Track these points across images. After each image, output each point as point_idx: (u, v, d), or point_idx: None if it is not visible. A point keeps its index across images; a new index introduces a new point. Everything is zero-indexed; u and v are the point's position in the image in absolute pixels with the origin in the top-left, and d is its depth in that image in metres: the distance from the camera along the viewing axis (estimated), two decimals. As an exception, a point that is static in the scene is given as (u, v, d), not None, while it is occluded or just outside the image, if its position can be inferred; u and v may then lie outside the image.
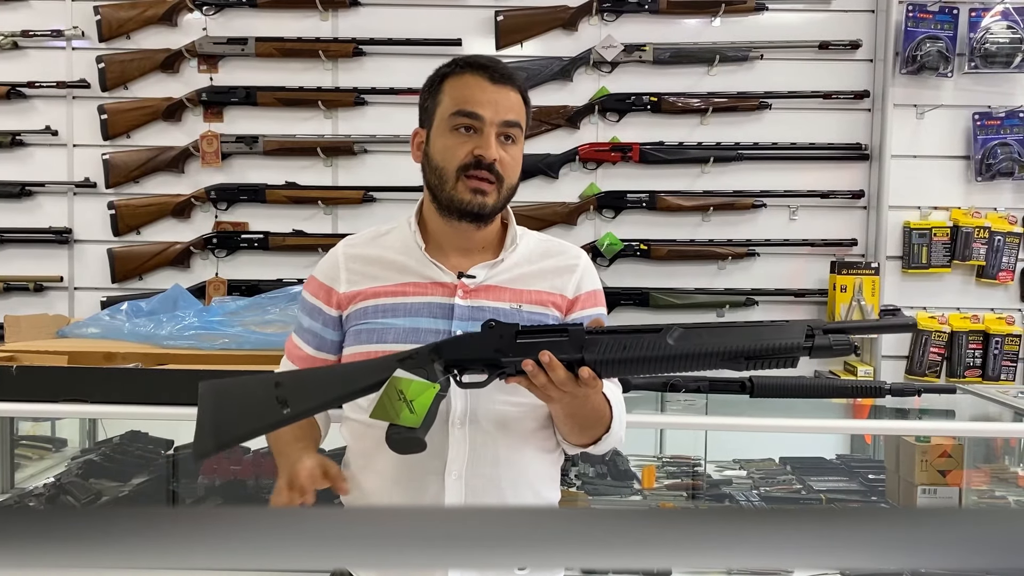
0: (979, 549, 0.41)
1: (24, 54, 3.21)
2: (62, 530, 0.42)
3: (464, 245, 1.38)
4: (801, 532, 0.42)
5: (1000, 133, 3.10)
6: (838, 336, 1.15)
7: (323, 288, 1.39)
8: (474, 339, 1.23)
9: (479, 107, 1.31)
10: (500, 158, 1.31)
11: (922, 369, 3.12)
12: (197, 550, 0.42)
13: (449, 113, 1.33)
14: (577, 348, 1.18)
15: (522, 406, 1.33)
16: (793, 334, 1.16)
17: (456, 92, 1.33)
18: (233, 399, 1.26)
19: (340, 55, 3.16)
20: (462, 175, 1.31)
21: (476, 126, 1.31)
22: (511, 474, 1.33)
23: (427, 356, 1.22)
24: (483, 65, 1.34)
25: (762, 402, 2.23)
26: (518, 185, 1.39)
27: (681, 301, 3.15)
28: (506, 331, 1.21)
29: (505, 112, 1.32)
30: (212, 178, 3.20)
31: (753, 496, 2.63)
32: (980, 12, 3.06)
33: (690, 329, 1.18)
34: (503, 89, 1.33)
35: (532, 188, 3.18)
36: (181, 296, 2.54)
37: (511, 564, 0.48)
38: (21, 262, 3.23)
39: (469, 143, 1.31)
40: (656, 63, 3.15)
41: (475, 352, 1.22)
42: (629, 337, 1.18)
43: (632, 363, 1.19)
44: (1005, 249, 3.12)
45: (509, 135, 1.33)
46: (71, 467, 2.73)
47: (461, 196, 1.32)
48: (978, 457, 2.64)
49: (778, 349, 1.15)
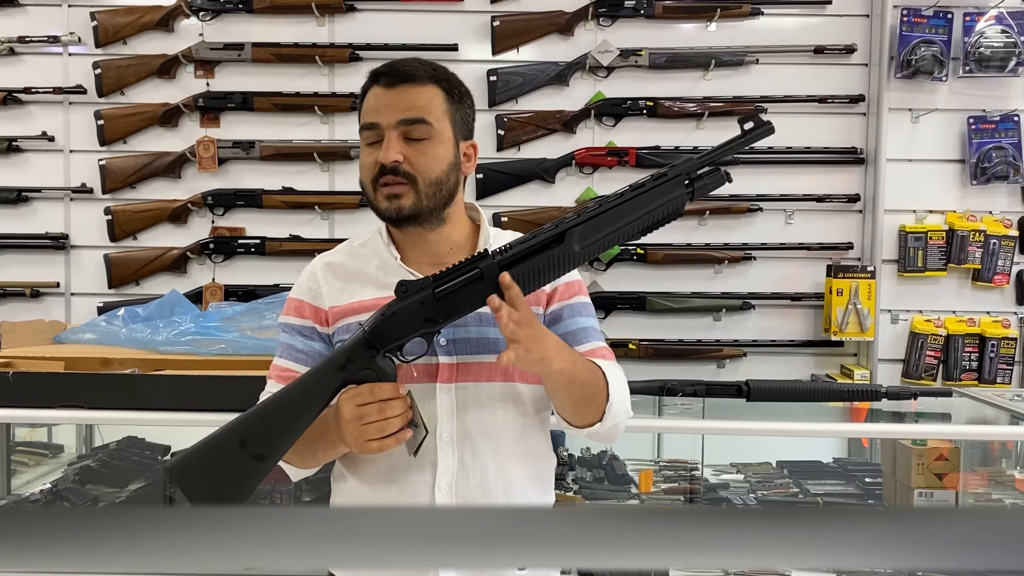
0: (976, 549, 0.41)
1: (20, 60, 3.21)
2: (55, 531, 0.42)
3: (430, 250, 1.37)
4: (798, 532, 0.42)
5: (995, 137, 3.10)
6: (712, 175, 1.28)
7: (309, 307, 1.37)
8: (399, 315, 1.21)
9: (374, 115, 1.32)
10: (406, 156, 1.30)
11: (918, 372, 3.13)
12: (189, 551, 0.42)
13: (360, 130, 1.35)
14: (493, 283, 1.19)
15: (510, 413, 1.32)
16: (675, 189, 1.25)
17: (363, 106, 1.35)
18: (210, 473, 1.24)
19: (336, 60, 3.16)
20: (376, 186, 1.32)
21: (379, 136, 1.32)
22: (502, 483, 1.32)
23: (364, 355, 1.22)
24: (379, 73, 1.34)
25: (759, 406, 2.24)
26: (452, 179, 1.35)
27: (678, 305, 3.16)
28: (425, 294, 1.21)
29: (401, 112, 1.31)
30: (209, 183, 3.20)
31: (750, 500, 2.64)
32: (974, 16, 3.07)
33: (587, 223, 1.22)
34: (399, 89, 1.32)
35: (528, 193, 3.18)
36: (178, 301, 2.54)
37: (509, 564, 0.49)
38: (18, 268, 3.22)
39: (374, 154, 1.32)
40: (652, 68, 3.16)
41: (406, 328, 1.22)
42: (540, 258, 1.20)
43: (548, 274, 1.22)
44: (1000, 252, 3.12)
45: (413, 134, 1.31)
46: (68, 473, 2.72)
47: (380, 205, 1.32)
48: (975, 460, 2.64)
49: (668, 214, 1.25)
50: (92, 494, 2.58)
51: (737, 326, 3.20)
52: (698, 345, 3.17)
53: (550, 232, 1.21)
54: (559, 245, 1.21)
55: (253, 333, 2.26)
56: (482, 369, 1.31)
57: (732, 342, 3.18)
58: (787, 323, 3.22)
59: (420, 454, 1.26)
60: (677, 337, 3.18)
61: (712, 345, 3.17)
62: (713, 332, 3.20)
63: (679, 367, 3.13)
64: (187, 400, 1.95)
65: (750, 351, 3.18)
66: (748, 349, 3.17)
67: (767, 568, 2.23)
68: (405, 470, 1.30)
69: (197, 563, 0.42)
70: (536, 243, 1.21)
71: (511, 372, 1.31)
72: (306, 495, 2.57)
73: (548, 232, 1.21)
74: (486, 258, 1.21)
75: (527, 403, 1.34)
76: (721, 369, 3.18)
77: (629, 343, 3.11)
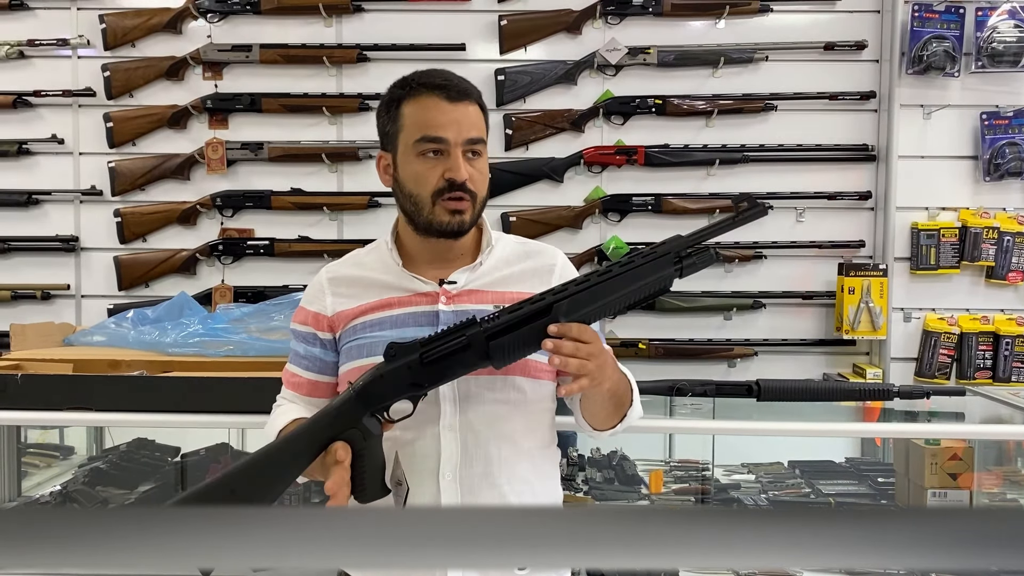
0: (989, 549, 0.40)
1: (30, 63, 3.22)
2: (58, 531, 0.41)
3: (443, 257, 1.41)
4: (808, 532, 0.41)
5: (1008, 132, 3.08)
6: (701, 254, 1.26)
7: (311, 315, 1.43)
8: (386, 377, 1.25)
9: (442, 130, 1.33)
10: (470, 175, 1.34)
11: (931, 371, 3.10)
12: (195, 551, 0.42)
13: (414, 140, 1.34)
14: (482, 354, 1.23)
15: (512, 403, 1.35)
16: (664, 267, 1.25)
17: (417, 116, 1.34)
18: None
19: (344, 61, 3.16)
20: (438, 199, 1.34)
21: (443, 149, 1.33)
22: (506, 472, 1.34)
23: (352, 413, 1.25)
24: (439, 85, 1.35)
25: (770, 405, 2.22)
26: (487, 195, 1.42)
27: (688, 304, 3.14)
28: (412, 359, 1.24)
29: (468, 130, 1.34)
30: (217, 185, 3.21)
31: (761, 500, 2.62)
32: (987, 11, 3.04)
33: (574, 297, 1.24)
34: (461, 106, 1.34)
35: (537, 192, 3.17)
36: (187, 303, 2.54)
37: (511, 564, 0.48)
38: (28, 270, 3.23)
39: (439, 167, 1.33)
40: (660, 66, 3.15)
41: (393, 390, 1.26)
42: (526, 330, 1.23)
43: (532, 346, 1.24)
44: (1014, 249, 3.09)
45: (475, 151, 1.35)
46: (78, 475, 2.73)
47: (440, 219, 1.34)
48: (989, 460, 2.62)
49: (656, 291, 1.26)
50: (102, 496, 2.58)
51: (748, 325, 3.19)
52: (708, 345, 3.15)
53: (537, 304, 1.24)
54: (545, 318, 1.23)
55: (261, 335, 2.26)
56: None
57: (743, 341, 3.16)
58: (798, 322, 3.20)
59: (424, 443, 1.32)
60: (687, 337, 3.16)
61: (723, 345, 3.15)
62: (724, 331, 3.18)
63: (689, 367, 3.11)
64: (195, 402, 1.95)
65: (761, 350, 3.16)
66: (759, 348, 3.16)
67: (778, 569, 2.22)
68: (410, 459, 1.33)
69: (207, 563, 0.42)
70: (523, 315, 1.24)
71: (512, 365, 1.32)
72: (315, 496, 2.57)
73: (536, 304, 1.24)
74: (473, 326, 1.24)
75: (528, 394, 1.37)
76: (732, 369, 3.17)
77: (639, 343, 3.10)
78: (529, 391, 1.36)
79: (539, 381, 1.37)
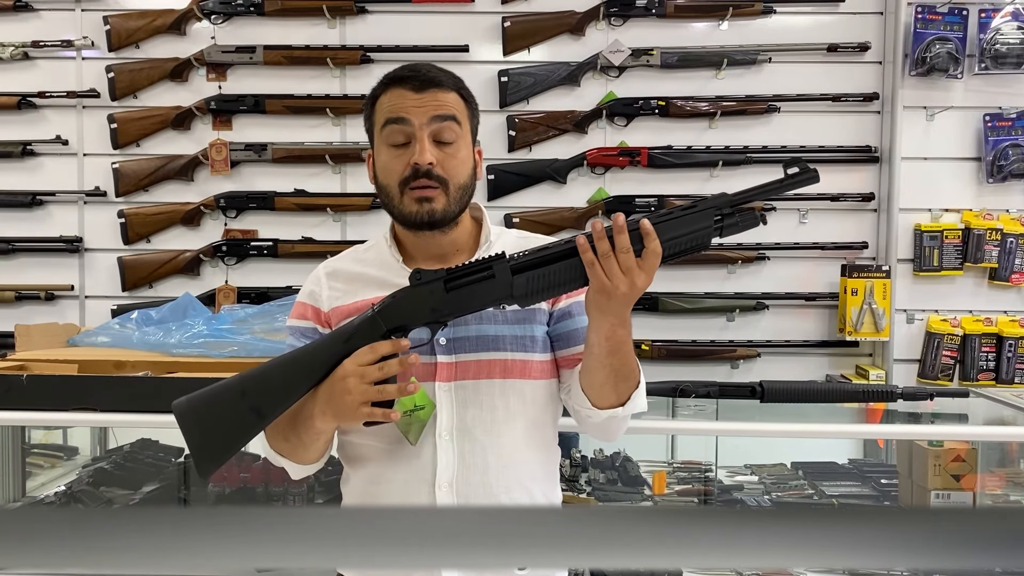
0: (992, 549, 0.40)
1: (34, 64, 3.23)
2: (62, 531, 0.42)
3: (437, 252, 1.38)
4: (811, 532, 0.41)
5: (1011, 134, 3.07)
6: (745, 213, 1.23)
7: (310, 308, 1.40)
8: (408, 299, 1.24)
9: (406, 112, 1.31)
10: (438, 160, 1.30)
11: (935, 373, 3.10)
12: (195, 551, 0.42)
13: (380, 127, 1.33)
14: (506, 287, 1.21)
15: (511, 409, 1.32)
16: (701, 221, 1.22)
17: (384, 106, 1.33)
18: (210, 416, 1.26)
19: (348, 63, 3.17)
20: (405, 188, 1.31)
21: (407, 132, 1.30)
22: (504, 479, 1.31)
23: (369, 332, 1.23)
24: (404, 77, 1.33)
25: (773, 407, 2.22)
26: (473, 184, 1.37)
27: (691, 306, 3.14)
28: (436, 284, 1.23)
29: (433, 109, 1.31)
30: (221, 186, 3.21)
31: (765, 501, 2.62)
32: (990, 13, 3.04)
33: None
34: (429, 93, 1.32)
35: (540, 193, 3.17)
36: (191, 304, 2.55)
37: (511, 564, 0.48)
38: (32, 271, 3.24)
39: (404, 155, 1.31)
40: (663, 67, 3.15)
41: (413, 314, 1.24)
42: (553, 267, 1.21)
43: (558, 286, 1.22)
44: (1018, 251, 3.09)
45: (444, 138, 1.31)
46: (82, 475, 2.74)
47: (409, 209, 1.32)
48: (992, 461, 2.61)
49: (689, 246, 1.22)
50: (106, 496, 2.59)
51: (751, 326, 3.19)
52: (711, 346, 3.15)
53: (569, 244, 1.21)
54: (574, 258, 1.20)
55: (265, 335, 2.26)
56: (481, 367, 1.31)
57: (746, 343, 3.16)
58: (801, 323, 3.20)
59: (419, 450, 1.29)
60: (690, 338, 3.16)
61: (726, 346, 3.15)
62: (727, 333, 3.18)
63: (692, 368, 3.11)
64: (199, 402, 1.95)
65: (764, 352, 3.16)
66: (762, 350, 3.15)
67: (781, 569, 2.22)
68: (406, 468, 1.30)
69: (207, 563, 0.42)
70: (552, 253, 1.22)
71: (511, 369, 1.31)
72: (319, 496, 2.57)
73: (568, 244, 1.21)
74: (501, 259, 1.22)
75: (528, 398, 1.34)
76: (735, 370, 3.17)
77: (642, 344, 3.10)
78: (529, 395, 1.33)
79: (539, 382, 1.34)
